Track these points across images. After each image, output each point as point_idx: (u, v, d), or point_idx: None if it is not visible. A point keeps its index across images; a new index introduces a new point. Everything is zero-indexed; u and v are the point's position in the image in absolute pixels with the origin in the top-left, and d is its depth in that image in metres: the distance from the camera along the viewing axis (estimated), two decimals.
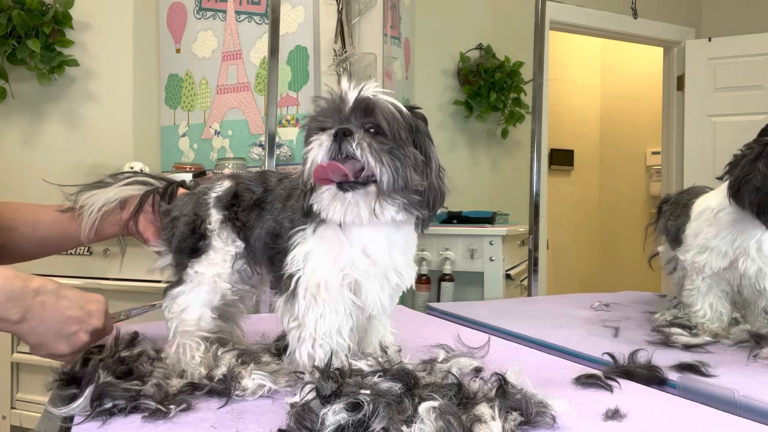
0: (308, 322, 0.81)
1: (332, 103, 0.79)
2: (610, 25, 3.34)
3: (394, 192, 0.77)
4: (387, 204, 0.77)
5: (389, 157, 0.75)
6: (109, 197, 1.01)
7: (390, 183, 0.76)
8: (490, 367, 0.84)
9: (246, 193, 0.91)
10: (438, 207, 0.82)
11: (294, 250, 0.83)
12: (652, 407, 0.79)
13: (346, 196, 0.77)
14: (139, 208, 1.02)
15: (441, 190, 0.81)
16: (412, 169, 0.77)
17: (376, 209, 0.77)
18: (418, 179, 0.78)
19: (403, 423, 0.63)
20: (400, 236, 0.83)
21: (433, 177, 0.80)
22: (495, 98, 3.26)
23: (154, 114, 3.08)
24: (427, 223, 0.83)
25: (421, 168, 0.79)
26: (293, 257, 0.82)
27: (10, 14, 2.66)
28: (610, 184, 4.56)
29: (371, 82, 0.80)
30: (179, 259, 0.91)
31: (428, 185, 0.80)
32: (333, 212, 0.78)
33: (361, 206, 0.77)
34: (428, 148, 0.81)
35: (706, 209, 1.19)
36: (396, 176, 0.76)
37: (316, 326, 0.81)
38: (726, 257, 1.15)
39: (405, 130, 0.77)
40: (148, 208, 1.03)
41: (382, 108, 0.76)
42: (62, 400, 0.77)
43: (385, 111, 0.76)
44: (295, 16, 2.70)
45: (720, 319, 1.20)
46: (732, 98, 3.06)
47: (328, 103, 0.79)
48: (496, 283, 2.63)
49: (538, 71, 2.06)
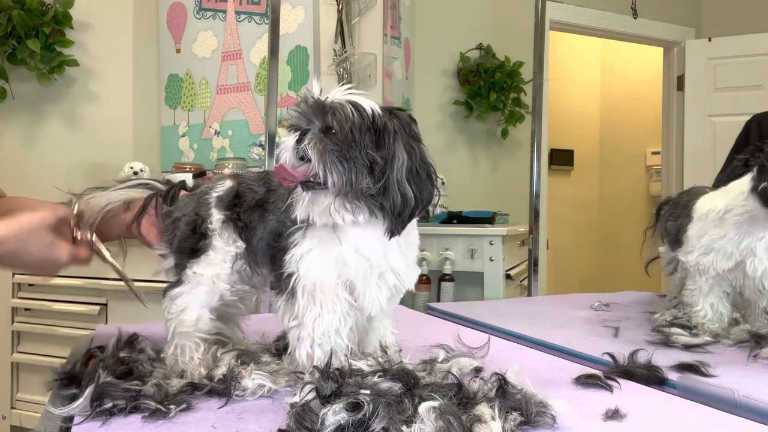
0: (307, 322, 0.81)
1: (302, 105, 0.80)
2: (610, 25, 3.35)
3: (344, 194, 0.76)
4: (342, 206, 0.77)
5: (336, 158, 0.74)
6: (112, 197, 1.01)
7: (336, 184, 0.75)
8: (490, 367, 0.84)
9: (248, 193, 0.91)
10: (407, 213, 0.77)
11: (292, 249, 0.83)
12: (652, 407, 0.79)
13: (305, 195, 0.78)
14: (142, 210, 1.02)
15: (405, 194, 0.76)
16: (363, 171, 0.75)
17: (331, 211, 0.77)
18: (366, 182, 0.75)
19: (403, 423, 0.63)
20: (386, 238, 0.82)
21: (394, 180, 0.76)
22: (495, 98, 3.26)
23: (154, 114, 3.08)
24: (393, 229, 0.78)
25: (377, 171, 0.76)
26: (291, 256, 0.82)
27: (10, 14, 2.66)
28: (610, 184, 4.56)
29: (342, 85, 0.79)
30: (179, 260, 0.91)
31: (385, 188, 0.76)
32: (299, 210, 0.80)
33: (316, 206, 0.78)
34: (394, 149, 0.76)
35: (711, 210, 1.19)
36: (342, 178, 0.74)
37: (314, 326, 0.81)
38: (731, 258, 1.15)
39: (361, 130, 0.75)
40: (152, 211, 1.02)
41: (335, 109, 0.76)
42: (62, 400, 0.77)
43: (337, 111, 0.76)
44: (295, 16, 2.70)
45: (720, 320, 1.20)
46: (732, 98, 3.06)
47: (299, 105, 0.80)
48: (496, 283, 2.63)
49: (538, 71, 2.06)
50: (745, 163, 1.18)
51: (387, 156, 0.76)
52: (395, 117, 0.79)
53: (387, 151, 0.76)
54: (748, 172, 1.13)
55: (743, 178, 1.14)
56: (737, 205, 1.13)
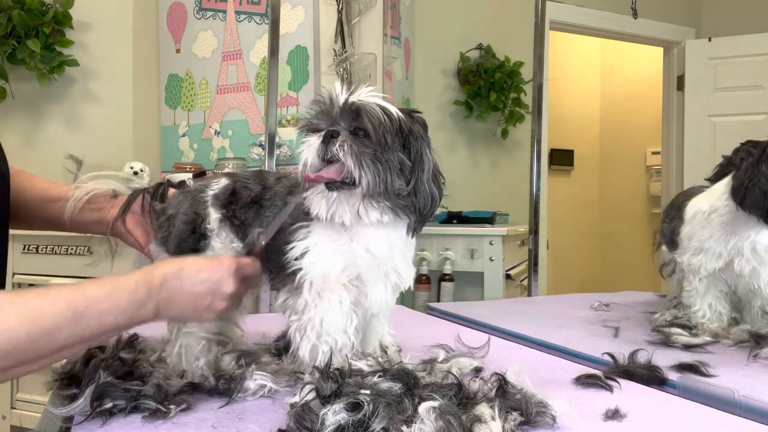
0: (312, 317, 0.81)
1: (325, 106, 0.80)
2: (610, 25, 3.35)
3: (375, 195, 0.77)
4: (371, 206, 0.78)
5: (370, 160, 0.76)
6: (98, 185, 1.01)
7: (370, 186, 0.76)
8: (490, 367, 0.84)
9: (243, 191, 0.91)
10: (429, 212, 0.81)
11: (297, 246, 0.83)
12: (652, 407, 0.79)
13: (331, 195, 0.79)
14: (126, 207, 1.01)
15: (432, 195, 0.80)
16: (396, 173, 0.77)
17: (359, 210, 0.78)
18: (399, 183, 0.78)
19: (403, 423, 0.63)
20: (398, 237, 0.83)
21: (424, 182, 0.79)
22: (495, 98, 3.26)
23: (154, 114, 3.08)
24: (416, 227, 0.82)
25: (407, 172, 0.79)
26: (296, 253, 0.82)
27: (10, 14, 2.66)
28: (610, 184, 4.56)
29: (366, 86, 0.81)
30: None
31: (416, 190, 0.79)
32: (319, 210, 0.80)
33: (345, 206, 0.79)
34: (421, 152, 0.80)
35: (698, 212, 1.20)
36: (377, 179, 0.76)
37: (318, 322, 0.81)
38: (721, 258, 1.16)
39: (392, 134, 0.78)
40: (137, 209, 1.01)
41: (368, 112, 0.77)
42: (62, 400, 0.77)
43: (370, 115, 0.77)
44: (295, 16, 2.70)
45: (719, 319, 1.20)
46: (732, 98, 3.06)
47: (321, 106, 0.81)
48: (496, 283, 2.63)
49: (538, 71, 2.06)
50: (729, 163, 1.18)
51: (415, 158, 0.79)
52: (416, 121, 0.81)
53: (414, 154, 0.79)
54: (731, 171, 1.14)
55: (726, 178, 1.15)
56: (721, 205, 1.14)
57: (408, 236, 0.83)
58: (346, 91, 0.80)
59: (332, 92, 0.80)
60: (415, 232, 0.83)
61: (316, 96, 0.82)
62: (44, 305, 0.67)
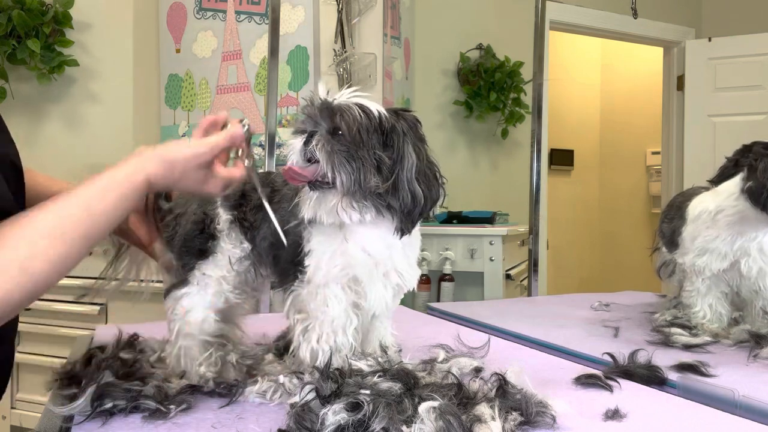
0: (313, 317, 0.81)
1: (308, 107, 0.81)
2: (610, 25, 3.34)
3: (352, 193, 0.77)
4: (349, 206, 0.78)
5: (344, 159, 0.76)
6: None
7: (344, 184, 0.76)
8: (490, 367, 0.84)
9: (253, 192, 0.91)
10: (416, 212, 0.78)
11: (299, 246, 0.83)
12: (652, 407, 0.79)
13: (312, 195, 0.79)
14: None
15: (415, 193, 0.78)
16: (371, 171, 0.76)
17: (338, 210, 0.78)
18: (375, 181, 0.76)
19: (403, 423, 0.63)
20: (397, 236, 0.83)
21: (404, 179, 0.77)
22: (495, 98, 3.25)
23: (154, 114, 3.08)
24: (403, 228, 0.80)
25: (386, 170, 0.77)
26: (298, 254, 0.83)
27: (10, 14, 2.66)
28: (610, 184, 4.56)
29: (347, 88, 0.81)
30: (185, 260, 0.90)
31: (396, 188, 0.77)
32: (305, 210, 0.80)
33: (323, 206, 0.79)
34: (403, 149, 0.78)
35: (703, 212, 1.20)
36: (350, 178, 0.76)
37: (320, 322, 0.81)
38: (726, 259, 1.15)
39: (368, 131, 0.77)
40: (140, 207, 1.01)
41: (343, 111, 0.77)
42: (62, 400, 0.77)
43: (345, 113, 0.77)
44: (295, 16, 2.70)
45: (720, 320, 1.20)
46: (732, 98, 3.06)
47: (305, 109, 0.81)
48: (496, 283, 2.62)
49: (538, 71, 2.06)
50: (735, 164, 1.18)
51: (396, 156, 0.78)
52: (402, 118, 0.80)
53: (396, 151, 0.78)
54: (738, 172, 1.14)
55: (734, 179, 1.15)
56: (729, 205, 1.14)
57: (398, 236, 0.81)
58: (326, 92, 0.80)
59: (315, 94, 0.81)
60: (402, 233, 0.80)
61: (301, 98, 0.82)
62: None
